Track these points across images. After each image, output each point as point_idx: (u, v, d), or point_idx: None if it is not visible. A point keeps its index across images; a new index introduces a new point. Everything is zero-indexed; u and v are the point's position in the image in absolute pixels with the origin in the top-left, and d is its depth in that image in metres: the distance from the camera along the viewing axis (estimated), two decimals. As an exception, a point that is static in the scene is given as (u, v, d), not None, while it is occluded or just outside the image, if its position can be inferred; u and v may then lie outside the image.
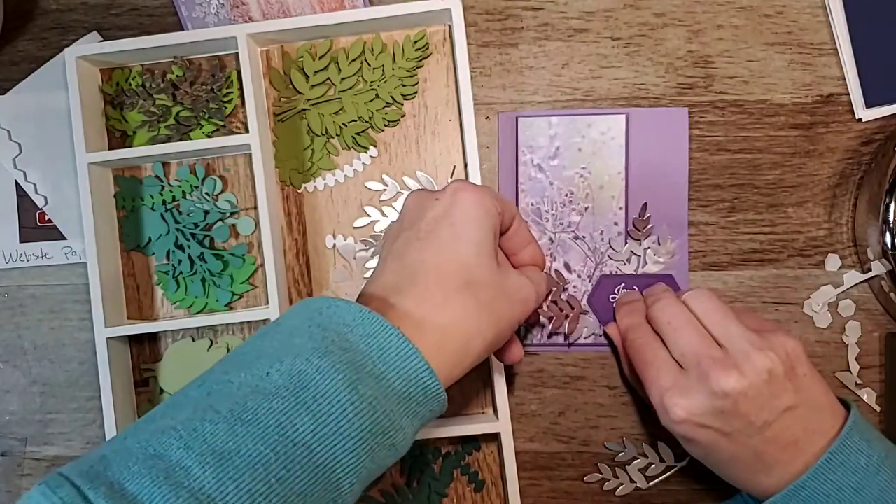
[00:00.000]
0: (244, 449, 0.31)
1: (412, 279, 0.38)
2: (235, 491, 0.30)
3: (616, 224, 0.52)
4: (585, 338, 0.52)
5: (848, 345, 0.51)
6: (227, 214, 0.53)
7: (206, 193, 0.53)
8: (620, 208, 0.52)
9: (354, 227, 0.53)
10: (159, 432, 0.32)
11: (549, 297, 0.51)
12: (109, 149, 0.53)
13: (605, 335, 0.51)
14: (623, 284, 0.51)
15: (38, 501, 0.29)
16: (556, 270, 0.51)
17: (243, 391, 0.33)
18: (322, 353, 0.34)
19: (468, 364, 0.39)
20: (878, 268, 0.49)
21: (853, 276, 0.51)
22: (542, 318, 0.51)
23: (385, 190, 0.52)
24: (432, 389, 0.36)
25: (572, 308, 0.51)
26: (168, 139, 0.53)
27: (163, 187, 0.53)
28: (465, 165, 0.51)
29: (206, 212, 0.52)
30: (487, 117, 0.52)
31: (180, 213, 0.53)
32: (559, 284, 0.51)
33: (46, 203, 0.54)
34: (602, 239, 0.52)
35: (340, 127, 0.52)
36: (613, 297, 0.51)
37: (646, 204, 0.51)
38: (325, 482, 0.33)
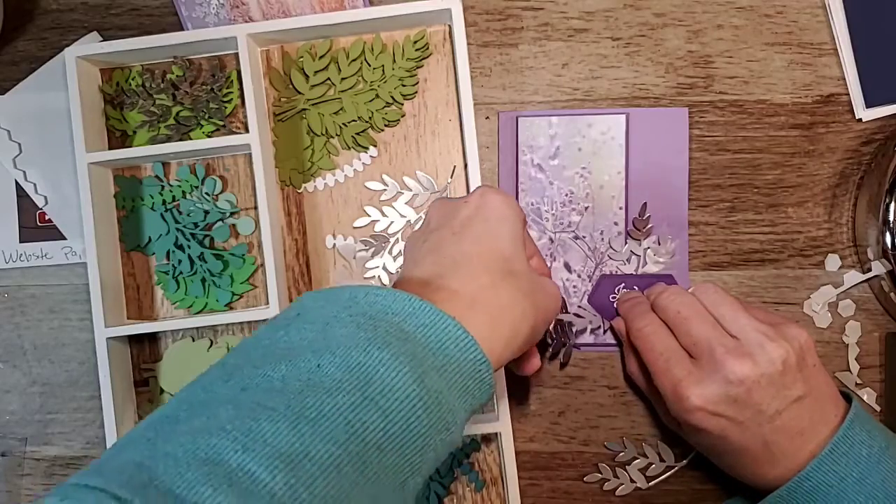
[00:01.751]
0: (314, 451, 0.28)
1: (455, 266, 0.37)
2: (309, 498, 0.27)
3: (616, 224, 0.52)
4: (585, 338, 0.52)
5: (848, 345, 0.51)
6: (227, 214, 0.53)
7: (206, 193, 0.53)
8: (620, 208, 0.52)
9: (354, 227, 0.53)
10: (203, 433, 0.28)
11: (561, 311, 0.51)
12: (109, 149, 0.53)
13: (612, 330, 0.51)
14: (623, 284, 0.51)
15: None
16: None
17: (294, 385, 0.30)
18: (381, 344, 0.32)
19: (511, 354, 0.37)
20: (878, 268, 0.49)
21: (853, 276, 0.51)
22: (547, 338, 0.51)
23: (385, 190, 0.52)
24: (487, 382, 0.34)
25: (568, 338, 0.51)
26: (168, 139, 0.53)
27: (163, 187, 0.53)
28: (465, 165, 0.51)
29: (206, 212, 0.52)
30: (487, 117, 0.52)
31: (180, 213, 0.53)
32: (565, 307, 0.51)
33: (46, 203, 0.54)
34: (602, 239, 0.52)
35: (340, 127, 0.52)
36: (613, 297, 0.51)
37: (646, 204, 0.51)
38: (394, 483, 0.31)
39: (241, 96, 0.51)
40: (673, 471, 0.51)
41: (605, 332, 0.51)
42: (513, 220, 0.40)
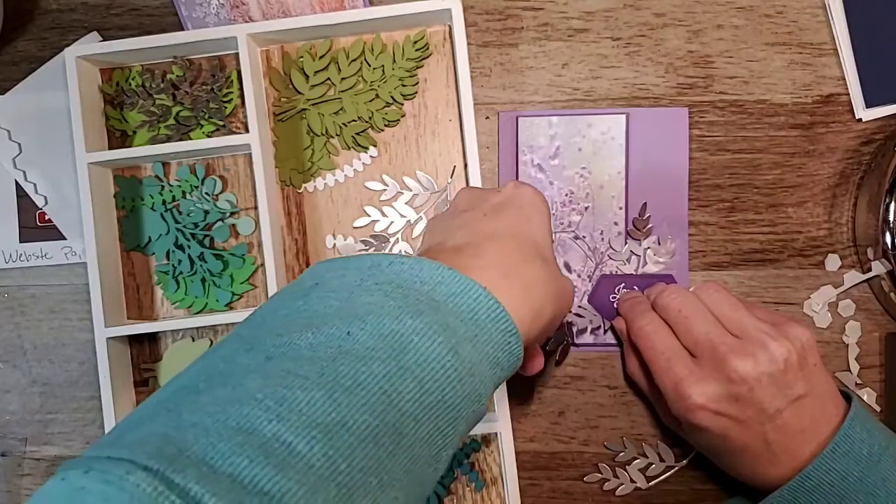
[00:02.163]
0: (351, 420, 0.27)
1: (489, 239, 0.37)
2: (347, 469, 0.26)
3: (616, 224, 0.52)
4: (585, 337, 0.52)
5: (848, 345, 0.51)
6: (227, 214, 0.53)
7: (206, 193, 0.53)
8: (620, 208, 0.52)
9: (354, 227, 0.53)
10: (233, 402, 0.27)
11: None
12: (109, 149, 0.53)
13: (612, 330, 0.51)
14: (623, 284, 0.51)
15: (102, 494, 0.23)
16: None
17: (325, 353, 0.29)
18: (413, 312, 0.31)
19: (534, 333, 0.36)
20: (878, 268, 0.49)
21: (853, 276, 0.51)
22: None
23: (385, 190, 0.52)
24: (516, 354, 0.34)
25: (567, 338, 0.51)
26: (168, 139, 0.53)
27: (163, 187, 0.53)
28: (465, 165, 0.51)
29: (206, 212, 0.52)
30: (487, 117, 0.52)
31: (180, 213, 0.53)
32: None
33: (46, 203, 0.54)
34: (602, 239, 0.52)
35: (340, 127, 0.52)
36: (613, 297, 0.51)
37: (646, 204, 0.51)
38: (428, 454, 0.30)
39: (241, 96, 0.51)
40: (673, 471, 0.51)
41: (605, 332, 0.51)
42: (543, 212, 0.40)
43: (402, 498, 0.29)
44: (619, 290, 0.51)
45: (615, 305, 0.51)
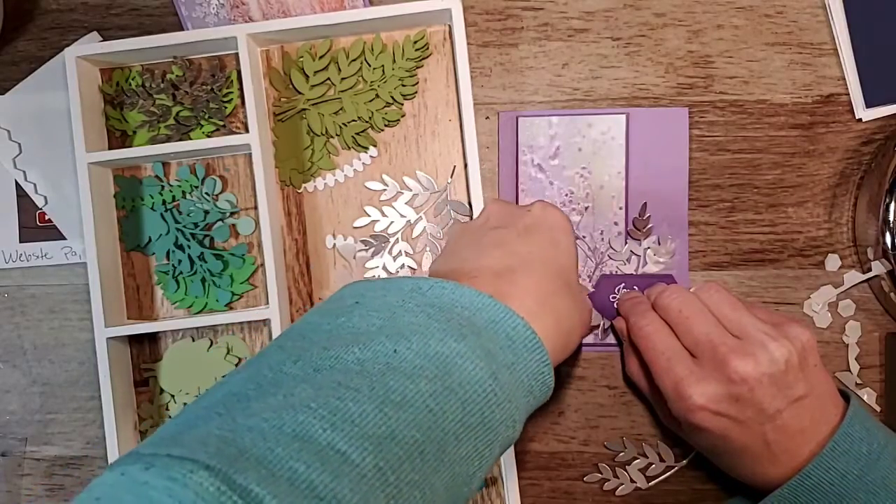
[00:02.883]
0: (400, 434, 0.28)
1: (526, 265, 0.38)
2: (396, 481, 0.28)
3: (616, 224, 0.52)
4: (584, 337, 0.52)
5: (848, 345, 0.51)
6: (227, 214, 0.53)
7: (206, 193, 0.53)
8: (620, 208, 0.52)
9: (354, 227, 0.53)
10: (288, 409, 0.28)
11: None
12: (109, 149, 0.53)
13: (612, 330, 0.51)
14: (623, 284, 0.51)
15: (167, 490, 0.24)
16: None
17: (372, 368, 0.30)
18: (457, 336, 0.32)
19: (560, 360, 0.38)
20: (878, 268, 0.49)
21: (853, 276, 0.51)
22: None
23: (385, 190, 0.52)
24: (547, 384, 0.35)
25: None
26: (168, 139, 0.53)
27: (163, 187, 0.53)
28: (465, 165, 0.51)
29: (206, 212, 0.52)
30: (487, 117, 0.52)
31: (180, 213, 0.53)
32: None
33: (46, 203, 0.54)
34: (602, 239, 0.52)
35: (340, 127, 0.52)
36: (613, 297, 0.51)
37: (646, 204, 0.51)
38: (465, 473, 0.31)
39: (241, 96, 0.51)
40: (673, 471, 0.51)
41: (605, 332, 0.51)
42: (570, 235, 0.42)
43: None
44: (619, 290, 0.51)
45: (615, 305, 0.51)
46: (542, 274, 0.38)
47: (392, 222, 0.52)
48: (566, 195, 0.52)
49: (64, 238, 0.54)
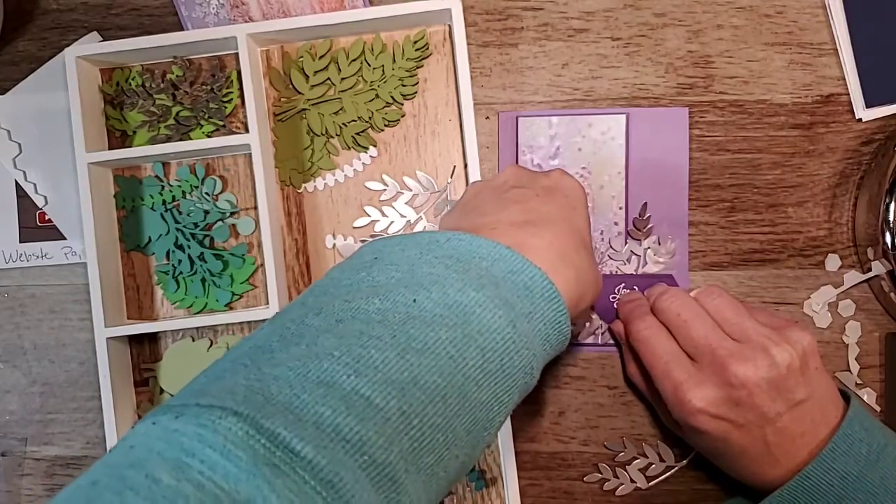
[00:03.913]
0: (422, 380, 0.29)
1: (546, 221, 0.38)
2: (419, 425, 0.29)
3: (616, 224, 0.52)
4: (584, 338, 0.52)
5: (848, 345, 0.51)
6: (227, 214, 0.53)
7: (206, 193, 0.53)
8: (620, 208, 0.52)
9: (354, 227, 0.53)
10: (311, 357, 0.29)
11: None
12: (109, 149, 0.53)
13: (611, 333, 0.51)
14: (623, 284, 0.51)
15: (197, 436, 0.25)
16: None
17: (394, 318, 0.31)
18: (476, 285, 0.33)
19: (575, 318, 0.38)
20: (878, 268, 0.49)
21: (853, 276, 0.51)
22: None
23: (385, 190, 0.52)
24: (564, 333, 0.36)
25: None
26: (168, 139, 0.53)
27: (163, 187, 0.53)
28: (465, 165, 0.51)
29: (206, 212, 0.52)
30: (487, 117, 0.52)
31: (180, 213, 0.53)
32: None
33: (46, 203, 0.54)
34: (602, 239, 0.52)
35: (340, 127, 0.52)
36: (614, 297, 0.51)
37: (646, 204, 0.51)
38: (486, 418, 0.32)
39: (241, 96, 0.51)
40: (673, 471, 0.51)
41: (604, 332, 0.51)
42: (585, 204, 0.42)
43: (461, 457, 0.31)
44: (619, 291, 0.51)
45: (615, 306, 0.51)
46: (561, 229, 0.38)
47: (392, 222, 0.52)
48: (566, 195, 0.52)
49: (64, 238, 0.54)
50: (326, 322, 0.31)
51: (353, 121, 0.52)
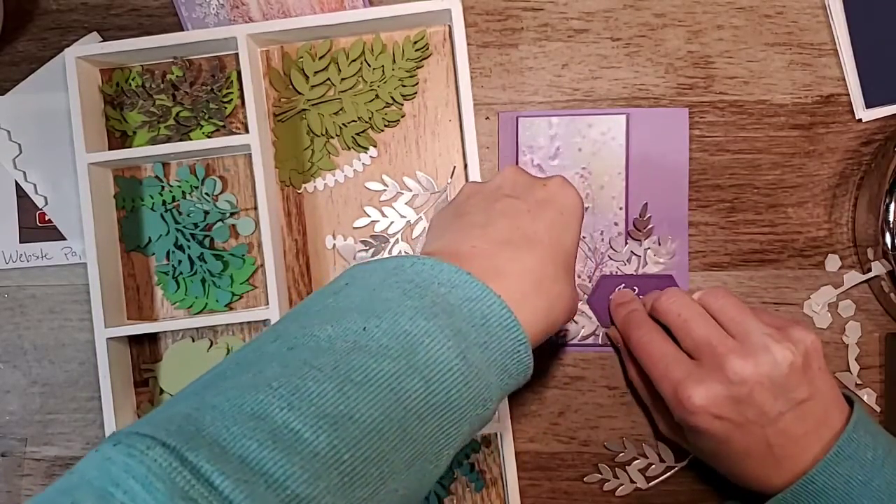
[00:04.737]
0: (358, 413, 0.29)
1: (528, 244, 0.38)
2: (350, 459, 0.28)
3: (616, 224, 0.52)
4: (584, 338, 0.52)
5: (848, 345, 0.51)
6: (227, 215, 0.53)
7: (206, 194, 0.53)
8: (620, 208, 0.52)
9: (354, 228, 0.53)
10: (250, 388, 0.29)
11: None
12: (109, 149, 0.53)
13: (608, 338, 0.51)
14: (623, 285, 0.51)
15: (125, 465, 0.25)
16: None
17: (340, 347, 0.31)
18: (428, 314, 0.32)
19: (538, 343, 0.38)
20: (878, 268, 0.49)
21: (853, 277, 0.51)
22: None
23: (385, 190, 0.52)
24: (524, 363, 0.35)
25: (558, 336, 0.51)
26: (168, 139, 0.53)
27: (163, 188, 0.53)
28: (465, 165, 0.51)
29: (206, 212, 0.52)
30: (487, 117, 0.52)
31: (180, 213, 0.53)
32: None
33: (46, 203, 0.54)
34: (602, 239, 0.52)
35: (340, 127, 0.52)
36: (613, 298, 0.51)
37: (646, 204, 0.51)
38: (430, 452, 0.32)
39: (241, 97, 0.51)
40: (673, 471, 0.51)
41: (604, 334, 0.51)
42: (580, 220, 0.41)
43: (402, 490, 0.31)
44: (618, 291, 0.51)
45: (610, 308, 0.51)
46: (545, 253, 0.38)
47: (392, 223, 0.52)
48: (566, 195, 0.52)
49: (64, 238, 0.54)
50: (279, 349, 0.31)
51: (353, 121, 0.52)
